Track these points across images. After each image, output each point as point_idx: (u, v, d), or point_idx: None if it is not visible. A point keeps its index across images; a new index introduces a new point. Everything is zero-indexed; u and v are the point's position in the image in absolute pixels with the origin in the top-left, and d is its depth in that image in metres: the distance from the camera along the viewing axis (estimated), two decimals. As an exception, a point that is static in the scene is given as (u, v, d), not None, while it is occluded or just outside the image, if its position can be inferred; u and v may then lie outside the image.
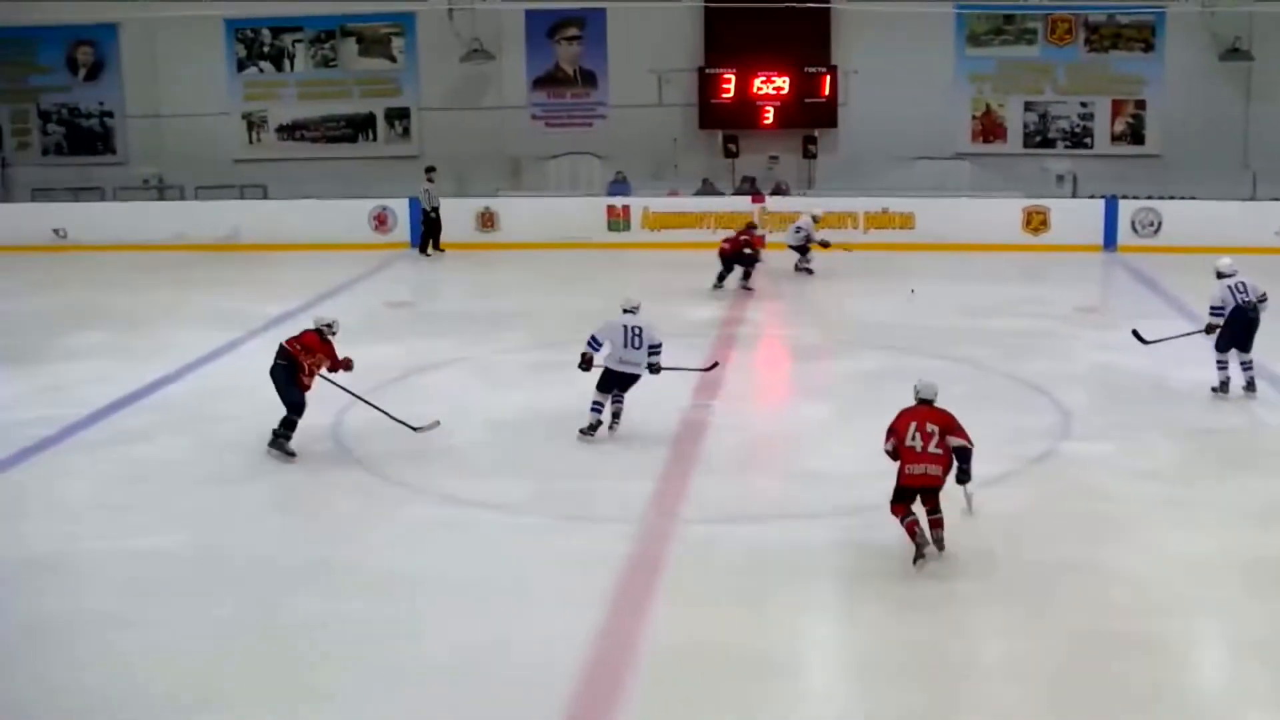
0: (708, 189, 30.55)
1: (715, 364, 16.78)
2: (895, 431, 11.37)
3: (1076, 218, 27.13)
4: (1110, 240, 27.70)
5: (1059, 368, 17.73)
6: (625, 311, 14.97)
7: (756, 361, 19.78)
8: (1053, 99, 31.95)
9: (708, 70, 31.46)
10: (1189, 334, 17.28)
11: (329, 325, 14.75)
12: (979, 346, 18.90)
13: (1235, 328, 16.40)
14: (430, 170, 29.07)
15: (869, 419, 15.37)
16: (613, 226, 28.60)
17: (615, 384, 14.70)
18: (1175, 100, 31.02)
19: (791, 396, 17.81)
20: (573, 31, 32.75)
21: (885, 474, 13.25)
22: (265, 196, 31.12)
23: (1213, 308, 16.59)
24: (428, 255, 28.14)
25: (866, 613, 10.34)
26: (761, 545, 11.68)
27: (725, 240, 23.88)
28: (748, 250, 23.47)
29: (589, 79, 32.76)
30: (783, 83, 31.22)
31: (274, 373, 14.36)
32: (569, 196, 30.55)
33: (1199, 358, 17.96)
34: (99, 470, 14.05)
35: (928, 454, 11.14)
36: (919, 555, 10.92)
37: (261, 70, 33.75)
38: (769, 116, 31.35)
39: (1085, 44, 31.63)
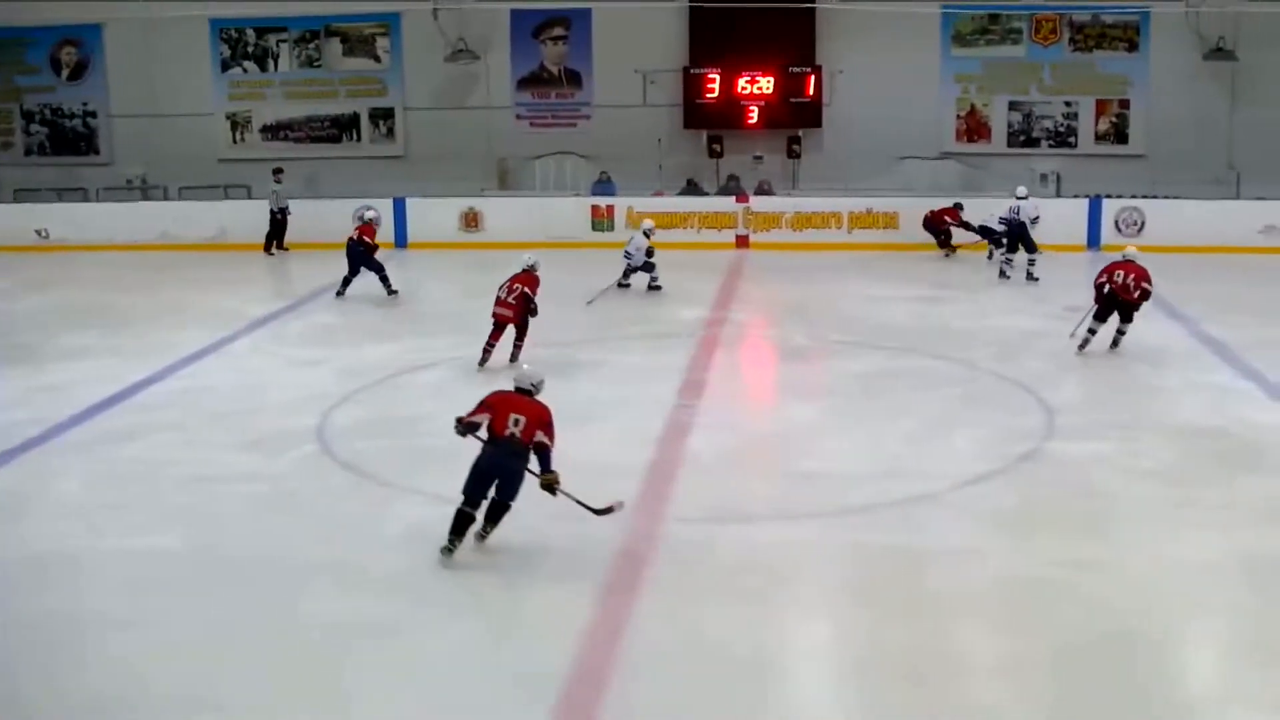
0: (692, 189, 30.54)
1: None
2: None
3: (1061, 217, 27.11)
4: (1094, 240, 27.74)
5: (1050, 367, 17.74)
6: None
7: (743, 362, 19.78)
8: (1037, 99, 31.96)
9: (693, 70, 31.42)
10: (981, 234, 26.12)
11: (375, 219, 24.04)
12: (969, 347, 18.92)
13: (1010, 236, 24.45)
14: (278, 171, 29.22)
15: (861, 420, 15.59)
16: (597, 226, 28.54)
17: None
18: (1159, 100, 31.06)
19: (780, 397, 17.81)
20: (558, 31, 32.71)
21: (879, 475, 13.42)
22: (249, 197, 30.95)
23: (1000, 218, 25.05)
24: (271, 254, 28.37)
25: (858, 614, 10.33)
26: (751, 545, 11.68)
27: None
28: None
29: (574, 79, 32.72)
30: (767, 83, 31.16)
31: (360, 254, 22.95)
32: (553, 196, 30.49)
33: (1189, 359, 18.11)
34: (88, 471, 13.99)
35: (506, 302, 17.63)
36: (483, 362, 17.58)
37: (246, 70, 33.67)
38: (754, 116, 31.30)
39: (1070, 43, 31.64)
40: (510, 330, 17.80)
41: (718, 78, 31.19)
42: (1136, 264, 18.31)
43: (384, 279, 22.99)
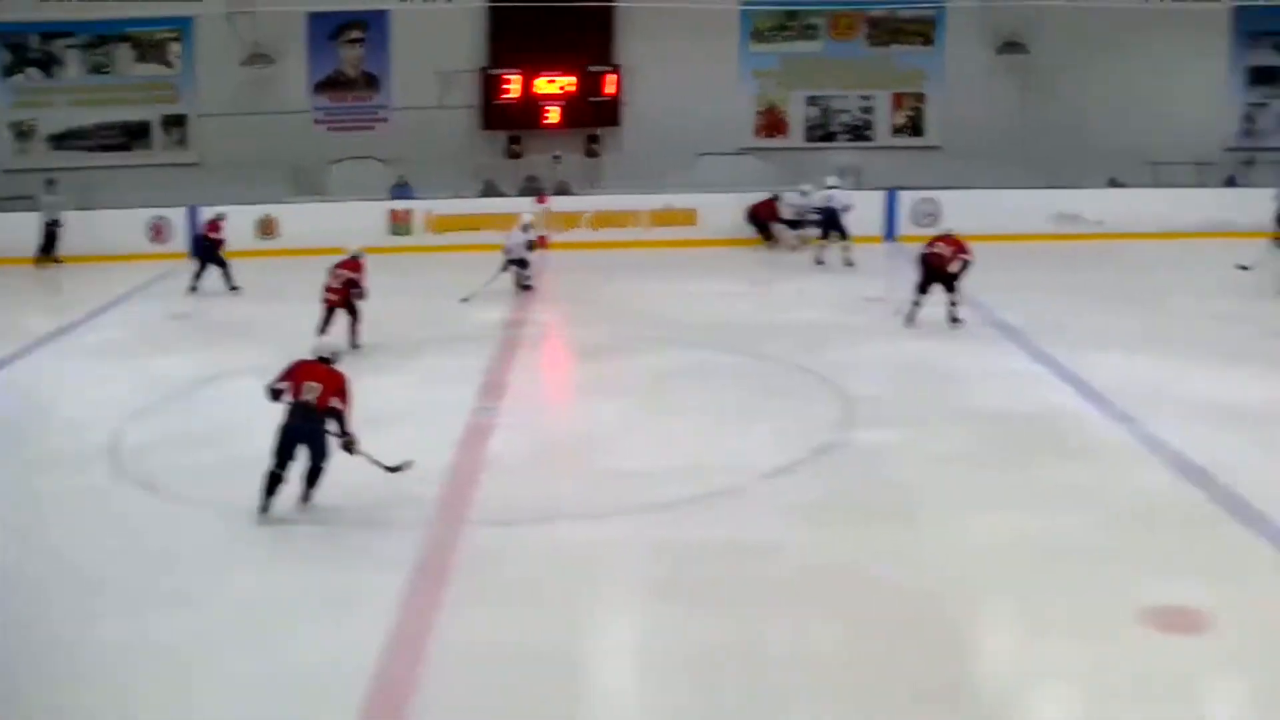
0: (491, 190, 30.30)
1: None
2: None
3: (859, 209, 27.38)
4: (891, 231, 28.11)
5: (850, 357, 17.88)
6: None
7: (544, 362, 19.65)
8: (835, 93, 32.34)
9: (491, 71, 31.20)
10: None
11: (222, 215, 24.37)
12: (770, 340, 19.00)
13: (823, 224, 25.66)
14: (50, 182, 28.67)
15: (663, 416, 15.54)
16: (396, 231, 28.21)
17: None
18: (954, 93, 31.61)
19: (582, 396, 17.69)
20: (356, 34, 32.21)
21: (683, 471, 13.39)
22: (36, 208, 30.00)
23: (814, 208, 26.37)
24: (42, 267, 27.82)
25: (666, 611, 10.27)
26: (556, 546, 11.57)
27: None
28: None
29: (372, 82, 32.27)
30: (566, 82, 31.05)
31: (207, 248, 24.17)
32: (351, 201, 29.98)
33: (985, 346, 18.39)
34: None
35: (333, 288, 18.53)
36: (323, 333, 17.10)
37: (30, 77, 32.63)
38: (552, 116, 31.17)
39: (867, 39, 32.08)
40: (344, 317, 18.62)
41: (516, 78, 30.98)
42: (954, 237, 19.64)
43: (227, 274, 24.02)
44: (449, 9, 30.95)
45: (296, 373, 12.29)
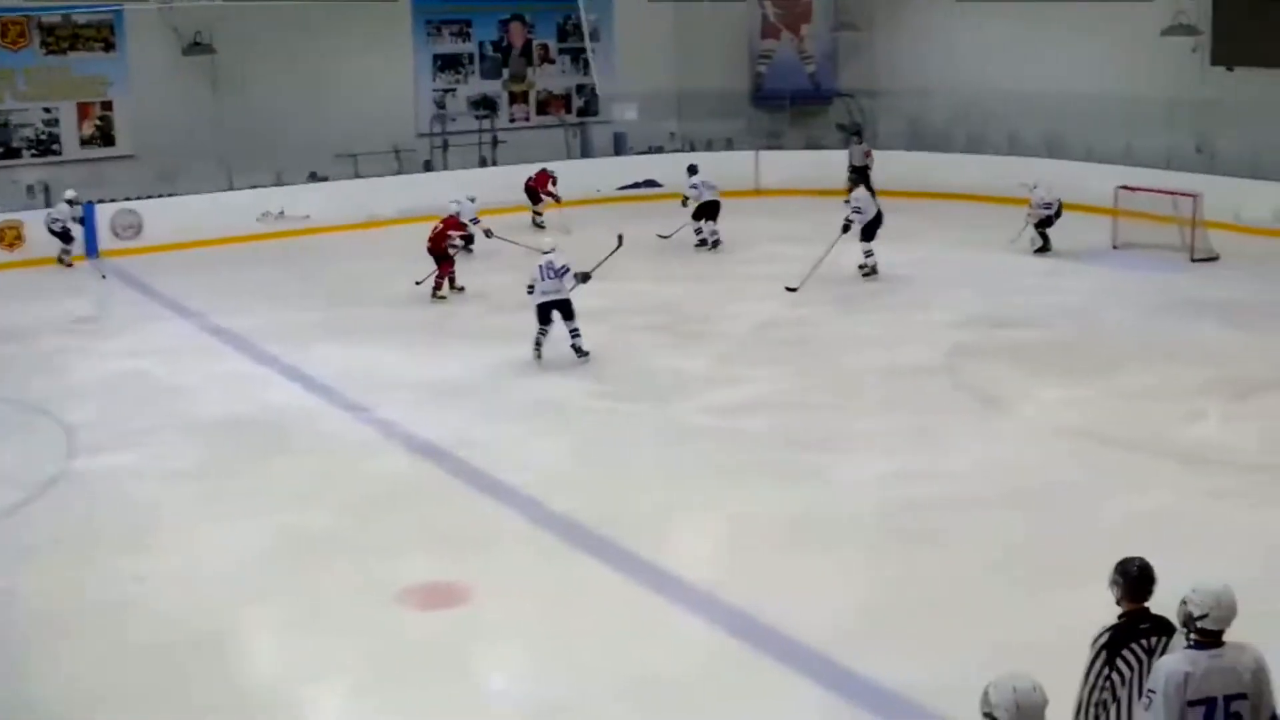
0: None
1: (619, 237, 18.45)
2: None
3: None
4: (93, 247, 27.05)
5: (62, 384, 16.98)
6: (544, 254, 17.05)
7: None
8: (14, 106, 30.75)
9: None
10: None
11: None
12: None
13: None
14: None
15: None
16: None
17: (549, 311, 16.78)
18: (143, 98, 30.78)
19: None
20: None
21: None
22: None
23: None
24: None
25: None
26: None
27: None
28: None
29: None
30: None
31: None
32: None
33: (203, 354, 18.06)
34: None
35: None
36: None
37: None
38: None
39: (42, 46, 30.70)
40: None
41: None
42: None
43: None
44: None
45: None
